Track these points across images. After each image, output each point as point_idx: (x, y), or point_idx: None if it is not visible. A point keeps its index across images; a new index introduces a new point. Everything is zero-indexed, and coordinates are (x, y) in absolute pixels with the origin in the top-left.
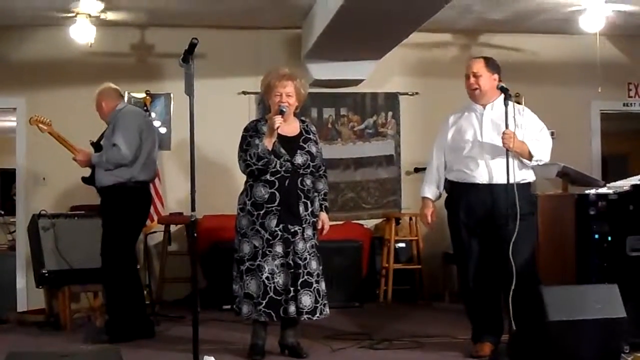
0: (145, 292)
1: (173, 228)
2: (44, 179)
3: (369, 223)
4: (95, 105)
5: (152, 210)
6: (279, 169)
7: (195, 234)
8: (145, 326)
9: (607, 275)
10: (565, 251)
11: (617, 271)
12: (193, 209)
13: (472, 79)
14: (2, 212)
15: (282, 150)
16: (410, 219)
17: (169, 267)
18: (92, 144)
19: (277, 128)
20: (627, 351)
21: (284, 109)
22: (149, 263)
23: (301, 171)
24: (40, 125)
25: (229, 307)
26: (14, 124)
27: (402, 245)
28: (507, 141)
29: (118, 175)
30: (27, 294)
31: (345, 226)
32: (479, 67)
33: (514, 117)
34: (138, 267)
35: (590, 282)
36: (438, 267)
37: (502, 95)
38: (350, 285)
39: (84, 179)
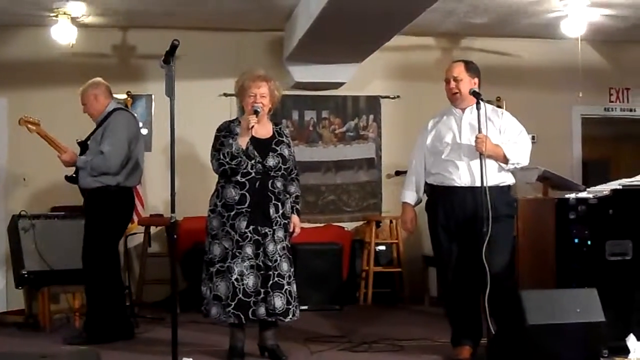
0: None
1: (153, 229)
2: (24, 179)
3: (350, 226)
4: (85, 98)
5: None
6: (250, 170)
7: (175, 236)
8: (124, 328)
9: (587, 280)
10: (545, 255)
11: (597, 275)
12: (173, 211)
13: (453, 83)
14: None
15: (254, 152)
16: (391, 222)
17: (148, 268)
18: (79, 143)
19: (252, 127)
20: (606, 355)
21: (258, 109)
22: (129, 265)
23: (272, 173)
24: (30, 125)
25: None
26: None
27: (383, 248)
28: (480, 145)
29: (103, 180)
30: (6, 295)
31: (326, 229)
32: (460, 71)
33: (486, 121)
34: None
35: (569, 286)
36: (418, 270)
37: (480, 100)
38: (330, 287)
39: (68, 178)
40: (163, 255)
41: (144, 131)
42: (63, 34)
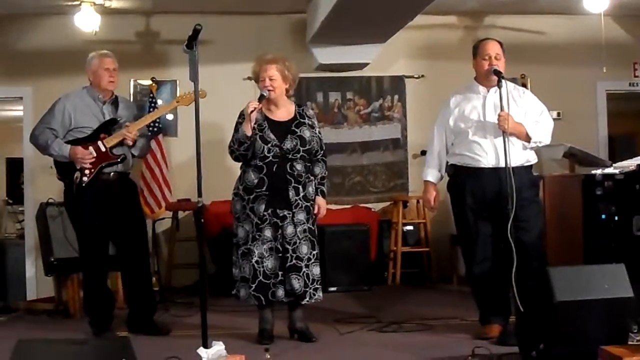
0: (154, 278)
1: (181, 214)
2: (51, 167)
3: (377, 206)
4: (116, 70)
5: (159, 196)
6: (267, 154)
7: (202, 220)
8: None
9: (614, 255)
10: (572, 231)
11: (624, 251)
12: (200, 195)
13: (495, 61)
14: (11, 201)
15: (271, 136)
16: (418, 201)
17: (177, 253)
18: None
19: (251, 113)
20: (636, 330)
21: (265, 94)
22: (158, 250)
23: (290, 156)
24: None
25: None
26: (21, 113)
27: (410, 228)
28: (502, 123)
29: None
30: (36, 283)
31: (353, 210)
32: (499, 49)
33: (507, 99)
34: None
35: (597, 262)
36: (446, 250)
37: (502, 79)
38: (358, 268)
39: (119, 158)
40: (191, 240)
41: (170, 116)
42: (86, 21)
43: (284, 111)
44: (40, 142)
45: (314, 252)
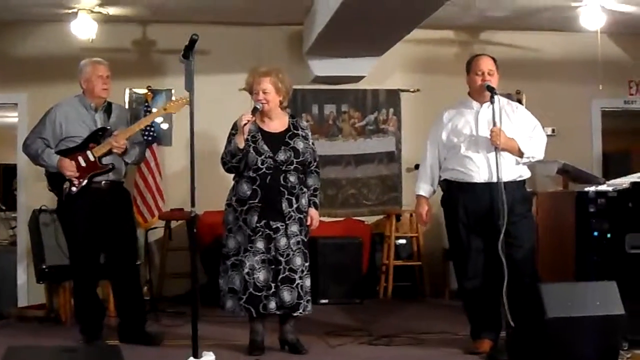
0: (145, 288)
1: (174, 224)
2: (44, 174)
3: (370, 219)
4: (109, 77)
5: (152, 205)
6: (260, 166)
7: (195, 230)
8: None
9: (606, 273)
10: (564, 248)
11: (616, 268)
12: (193, 205)
13: (488, 77)
14: (4, 208)
15: (265, 147)
16: (411, 215)
17: (169, 263)
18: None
19: (244, 125)
20: (626, 348)
21: (258, 107)
22: (150, 259)
23: (284, 168)
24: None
25: None
26: (16, 119)
27: (403, 241)
28: (495, 138)
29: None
30: (27, 289)
31: (346, 223)
32: (492, 64)
33: (500, 115)
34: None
35: (589, 279)
36: (438, 264)
37: (494, 94)
38: (350, 281)
39: (111, 166)
40: (184, 249)
41: (165, 126)
42: (83, 29)
43: (278, 123)
44: (31, 152)
45: (306, 264)
